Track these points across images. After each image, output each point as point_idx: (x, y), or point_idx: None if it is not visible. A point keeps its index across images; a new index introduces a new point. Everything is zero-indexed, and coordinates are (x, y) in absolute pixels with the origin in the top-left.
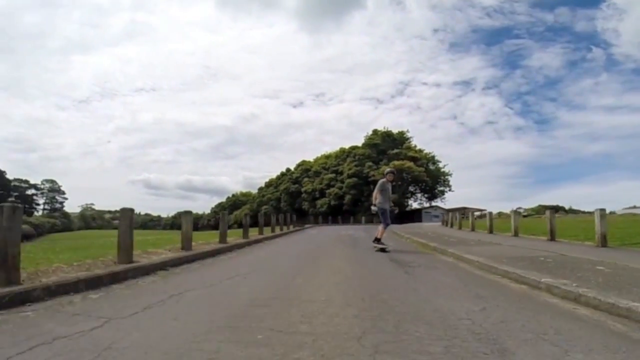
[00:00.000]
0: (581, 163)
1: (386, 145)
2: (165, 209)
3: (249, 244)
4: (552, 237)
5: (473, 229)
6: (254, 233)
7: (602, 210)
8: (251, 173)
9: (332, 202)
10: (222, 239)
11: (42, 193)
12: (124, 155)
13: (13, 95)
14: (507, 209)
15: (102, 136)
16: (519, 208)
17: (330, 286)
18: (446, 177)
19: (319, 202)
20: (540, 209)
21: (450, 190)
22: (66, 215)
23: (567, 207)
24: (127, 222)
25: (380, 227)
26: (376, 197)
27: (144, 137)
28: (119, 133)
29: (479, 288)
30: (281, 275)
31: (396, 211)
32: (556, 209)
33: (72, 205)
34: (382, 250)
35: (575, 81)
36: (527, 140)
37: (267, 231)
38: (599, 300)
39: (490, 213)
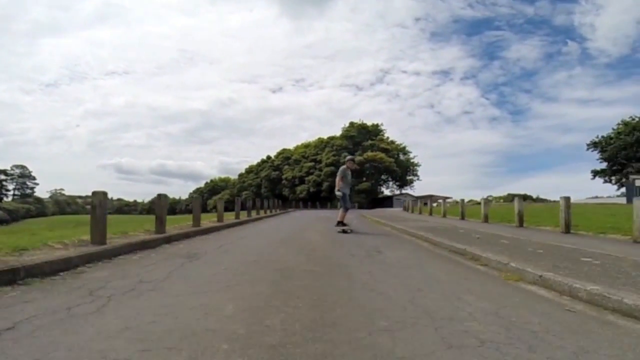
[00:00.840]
0: (552, 154)
1: (361, 137)
2: (139, 194)
3: (241, 223)
4: (521, 224)
5: (430, 214)
6: (242, 215)
7: (567, 198)
8: (228, 158)
9: (311, 189)
10: (220, 218)
11: (12, 179)
12: (94, 139)
13: None
14: (479, 196)
15: (71, 120)
16: (489, 196)
17: (316, 234)
18: (415, 167)
19: (298, 189)
20: (509, 197)
21: (418, 179)
22: (39, 200)
23: (534, 196)
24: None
25: (341, 210)
26: (339, 183)
27: (116, 121)
28: (88, 117)
29: (390, 237)
30: (289, 232)
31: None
32: (524, 198)
33: (40, 191)
34: (344, 231)
35: (550, 74)
36: (501, 131)
37: (253, 214)
38: (465, 249)
39: (444, 200)
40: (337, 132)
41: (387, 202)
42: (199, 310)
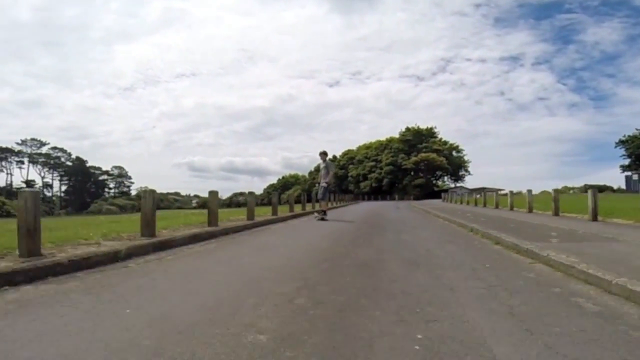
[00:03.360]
0: None
1: (416, 140)
2: (210, 190)
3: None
4: (595, 217)
5: (468, 203)
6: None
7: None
8: (290, 153)
9: (373, 184)
10: (303, 207)
11: (112, 178)
12: (168, 139)
13: (63, 86)
14: (553, 187)
15: (148, 122)
16: (563, 187)
17: (388, 210)
18: (465, 163)
19: (362, 184)
20: (583, 189)
21: (469, 174)
22: (140, 197)
23: (616, 187)
24: (214, 198)
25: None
26: (322, 177)
27: (187, 122)
28: (163, 118)
29: (423, 216)
30: (368, 210)
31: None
32: (601, 189)
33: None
34: (322, 219)
35: (635, 57)
36: (582, 117)
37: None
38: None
39: (496, 192)
40: (397, 125)
41: (439, 194)
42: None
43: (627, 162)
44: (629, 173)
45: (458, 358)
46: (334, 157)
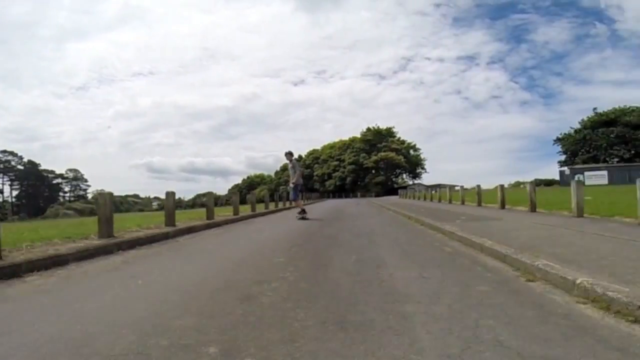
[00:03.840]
0: None
1: (377, 140)
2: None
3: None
4: (503, 206)
5: (424, 199)
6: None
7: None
8: (254, 153)
9: (337, 183)
10: (266, 206)
11: (66, 181)
12: (125, 140)
13: (10, 86)
14: (507, 182)
15: (102, 122)
16: (516, 182)
17: (349, 206)
18: (422, 161)
19: (327, 183)
20: (534, 183)
21: (425, 171)
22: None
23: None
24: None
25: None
26: (291, 177)
27: (145, 121)
28: (119, 118)
29: (377, 209)
30: (331, 207)
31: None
32: (548, 183)
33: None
34: (303, 218)
35: (581, 56)
36: (533, 115)
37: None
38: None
39: (449, 188)
40: (361, 123)
41: (397, 191)
42: (273, 232)
43: (562, 157)
44: (563, 168)
45: (371, 264)
46: (300, 156)
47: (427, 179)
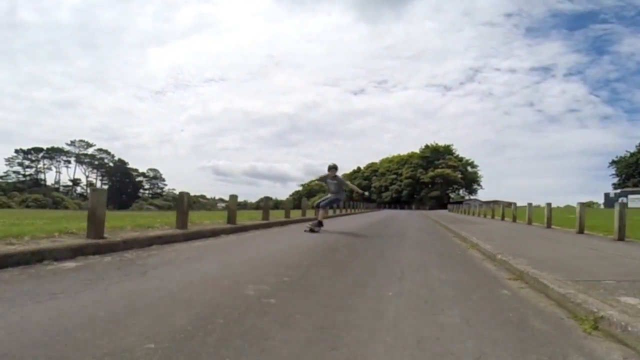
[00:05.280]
0: None
1: (434, 156)
2: (233, 194)
3: (351, 214)
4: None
5: (473, 214)
6: (341, 211)
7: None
8: (311, 160)
9: (394, 195)
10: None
11: (147, 179)
12: (195, 143)
13: (98, 88)
14: (579, 201)
15: (177, 125)
16: (589, 201)
17: (398, 214)
18: (478, 178)
19: (384, 194)
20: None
21: (481, 187)
22: (175, 198)
23: None
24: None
25: (321, 211)
26: (332, 191)
27: (214, 126)
28: (191, 122)
29: (423, 219)
30: (387, 215)
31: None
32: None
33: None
34: (311, 230)
35: None
36: (615, 130)
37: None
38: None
39: (503, 205)
40: (422, 134)
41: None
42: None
43: (615, 180)
44: (609, 191)
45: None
46: (358, 168)
47: (486, 194)
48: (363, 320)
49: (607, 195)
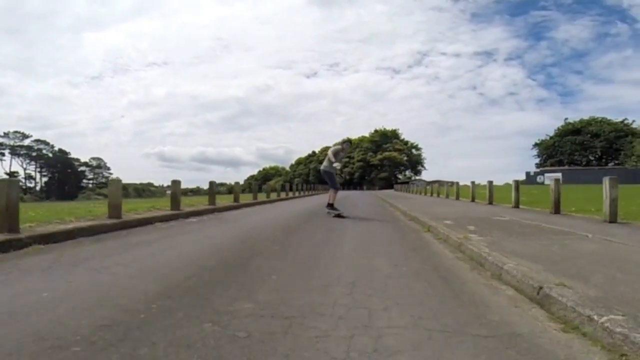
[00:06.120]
0: None
1: (383, 140)
2: (182, 181)
3: (310, 195)
4: (457, 197)
5: (415, 193)
6: (301, 193)
7: (490, 182)
8: (265, 144)
9: (346, 177)
10: (278, 194)
11: (90, 169)
12: (138, 129)
13: (25, 75)
14: (512, 180)
15: (116, 111)
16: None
17: (352, 195)
18: (422, 160)
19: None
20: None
21: (425, 169)
22: (125, 187)
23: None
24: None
25: (331, 191)
26: (332, 159)
27: (157, 111)
28: (132, 108)
29: (373, 197)
30: (343, 195)
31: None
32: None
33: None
34: (339, 216)
35: (602, 54)
36: (550, 112)
37: (306, 192)
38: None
39: (445, 184)
40: (373, 117)
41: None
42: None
43: (537, 160)
44: (530, 171)
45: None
46: (313, 152)
47: (433, 174)
48: (326, 256)
49: (528, 173)
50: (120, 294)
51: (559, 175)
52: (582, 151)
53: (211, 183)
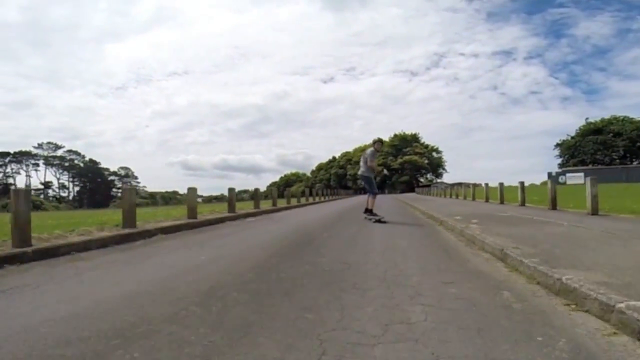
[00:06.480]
0: None
1: (402, 144)
2: (205, 188)
3: (333, 199)
4: (473, 198)
5: (436, 196)
6: (324, 197)
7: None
8: (284, 150)
9: (385, 174)
10: (298, 200)
11: (119, 178)
12: (162, 138)
13: (54, 87)
14: (537, 180)
15: (141, 121)
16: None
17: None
18: (443, 163)
19: (359, 182)
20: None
21: (446, 171)
22: (152, 195)
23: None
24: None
25: (369, 197)
26: (373, 165)
27: (180, 120)
28: (156, 117)
29: (394, 200)
30: (363, 199)
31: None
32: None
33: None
34: (379, 221)
35: (626, 50)
36: (574, 111)
37: (331, 197)
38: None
39: (468, 185)
40: (392, 120)
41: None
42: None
43: (559, 160)
44: (552, 171)
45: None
46: (334, 157)
47: (455, 177)
48: (362, 239)
49: (549, 174)
50: (248, 256)
51: (580, 175)
52: (604, 150)
53: (256, 190)
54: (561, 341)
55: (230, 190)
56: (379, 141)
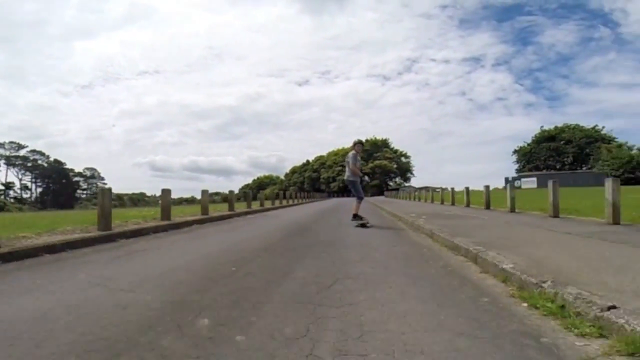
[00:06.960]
0: None
1: (373, 149)
2: (173, 190)
3: (307, 202)
4: (432, 201)
5: (403, 199)
6: (300, 200)
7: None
8: (257, 152)
9: (340, 185)
10: (272, 202)
11: (84, 179)
12: (129, 138)
13: (15, 84)
14: (501, 185)
15: (107, 120)
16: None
17: (345, 201)
18: (411, 167)
19: (332, 185)
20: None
21: (414, 175)
22: (120, 197)
23: None
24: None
25: (356, 202)
26: (355, 168)
27: (149, 120)
28: (123, 117)
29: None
30: (336, 202)
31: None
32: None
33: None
34: (363, 225)
35: (587, 58)
36: (537, 117)
37: (303, 200)
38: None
39: (432, 189)
40: (364, 124)
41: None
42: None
43: (516, 166)
44: (509, 176)
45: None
46: (308, 161)
47: (424, 181)
48: (343, 228)
49: (507, 179)
50: (271, 235)
51: (534, 179)
52: (556, 156)
53: (230, 192)
54: (441, 262)
55: (230, 191)
56: (359, 143)
